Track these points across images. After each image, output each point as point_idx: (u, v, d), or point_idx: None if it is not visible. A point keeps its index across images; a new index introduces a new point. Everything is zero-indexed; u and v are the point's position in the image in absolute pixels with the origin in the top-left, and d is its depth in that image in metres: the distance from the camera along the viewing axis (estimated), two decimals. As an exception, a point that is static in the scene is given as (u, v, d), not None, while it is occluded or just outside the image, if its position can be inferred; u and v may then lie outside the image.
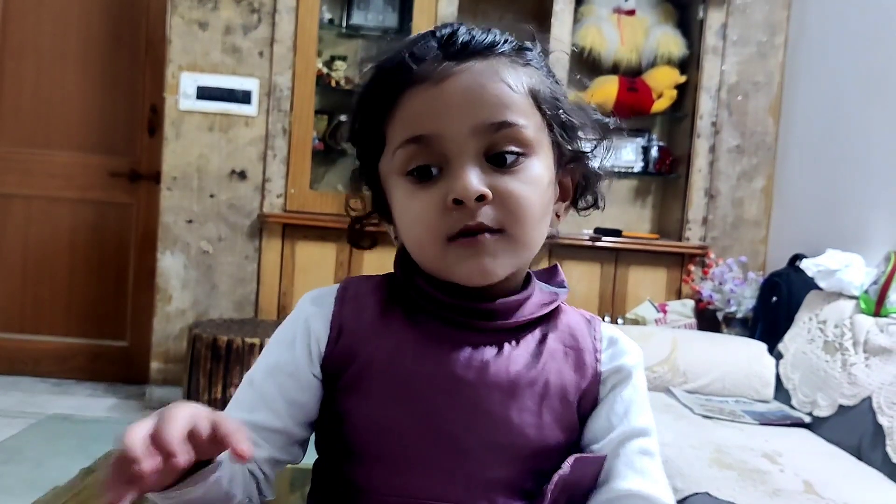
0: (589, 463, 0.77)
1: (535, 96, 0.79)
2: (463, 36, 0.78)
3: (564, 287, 0.87)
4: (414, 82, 0.77)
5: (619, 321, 3.40)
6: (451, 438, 0.76)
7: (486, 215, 0.75)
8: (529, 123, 0.78)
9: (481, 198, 0.74)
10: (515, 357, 0.80)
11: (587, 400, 0.82)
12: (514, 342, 0.81)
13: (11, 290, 3.87)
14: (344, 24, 3.69)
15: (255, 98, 3.50)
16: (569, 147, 0.83)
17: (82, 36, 3.80)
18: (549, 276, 0.88)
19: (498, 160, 0.76)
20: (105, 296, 3.90)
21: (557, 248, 3.54)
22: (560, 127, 0.82)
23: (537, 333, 0.82)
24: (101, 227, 3.89)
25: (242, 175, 3.53)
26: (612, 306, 3.59)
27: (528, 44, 0.82)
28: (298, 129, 3.52)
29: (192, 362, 3.17)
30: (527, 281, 0.85)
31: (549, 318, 0.84)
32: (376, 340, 0.79)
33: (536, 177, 0.78)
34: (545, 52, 0.85)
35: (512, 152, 0.77)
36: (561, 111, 0.82)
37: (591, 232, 3.61)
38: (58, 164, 3.84)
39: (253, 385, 0.82)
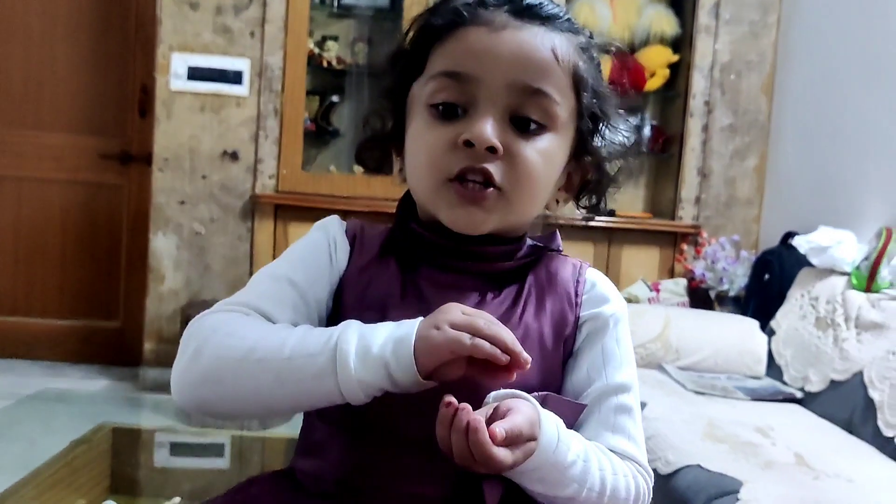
0: (565, 405, 0.78)
1: (577, 79, 0.81)
2: (538, 2, 0.81)
3: (559, 249, 0.88)
4: (474, 22, 0.79)
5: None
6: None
7: (493, 167, 0.77)
8: (563, 101, 0.80)
9: (492, 150, 0.76)
10: (497, 303, 0.81)
11: (567, 341, 0.83)
12: (497, 290, 0.82)
13: (3, 273, 3.86)
14: (335, 4, 3.68)
15: (246, 78, 3.49)
16: (591, 142, 0.85)
17: (72, 17, 3.78)
18: (548, 241, 0.89)
19: (521, 123, 0.78)
20: (97, 277, 3.89)
21: (549, 228, 3.53)
22: (590, 118, 0.84)
23: (520, 284, 0.84)
24: (93, 209, 3.87)
25: (234, 156, 3.52)
26: (605, 286, 3.59)
27: (587, 30, 0.85)
28: (290, 109, 3.50)
29: (185, 343, 3.17)
30: (521, 239, 0.86)
31: (534, 268, 0.85)
32: (372, 281, 0.82)
33: (549, 151, 0.80)
34: (600, 48, 0.86)
35: (535, 121, 0.79)
36: (596, 103, 0.83)
37: (584, 212, 3.60)
38: (48, 145, 3.82)
39: (278, 280, 0.82)
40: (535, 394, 0.75)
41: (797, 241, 2.82)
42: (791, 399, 2.53)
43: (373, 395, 0.72)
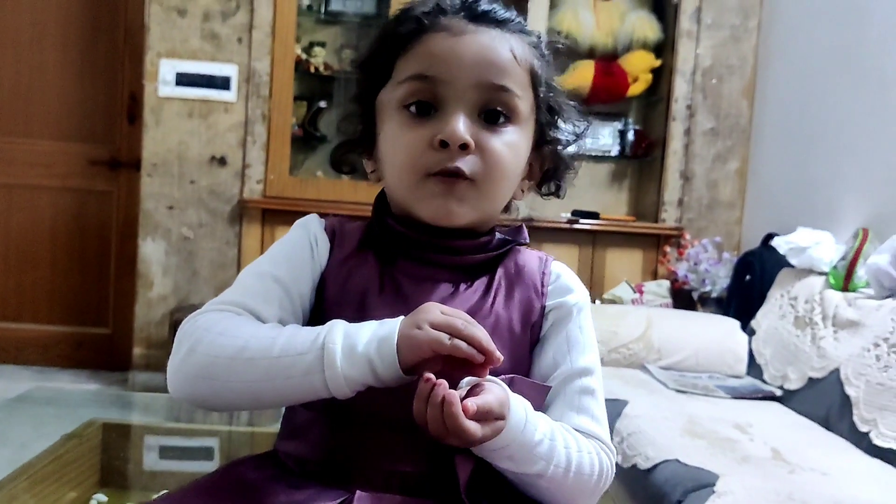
0: (529, 387, 0.83)
1: (533, 76, 0.88)
2: (485, 4, 0.87)
3: (526, 242, 0.94)
4: (436, 29, 0.85)
5: (597, 302, 3.45)
6: None
7: (465, 162, 0.83)
8: (523, 96, 0.87)
9: (465, 146, 0.82)
10: (469, 294, 0.87)
11: (533, 329, 0.89)
12: (469, 282, 0.88)
13: (-7, 279, 3.88)
14: (322, 10, 3.72)
15: (234, 84, 3.53)
16: (549, 132, 0.92)
17: (61, 24, 3.81)
18: (515, 234, 0.94)
19: (490, 116, 0.85)
20: (87, 283, 3.92)
21: (535, 231, 3.57)
22: (547, 111, 0.91)
23: (490, 276, 0.89)
24: (82, 215, 3.90)
25: (222, 161, 3.56)
26: (590, 287, 3.64)
27: (536, 31, 0.92)
28: (277, 115, 3.54)
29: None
30: (490, 233, 0.92)
31: (503, 261, 0.91)
32: (349, 273, 0.86)
33: (515, 143, 0.86)
34: (549, 46, 0.93)
35: (502, 113, 0.85)
36: (551, 96, 0.91)
37: (568, 215, 3.66)
38: (38, 152, 3.85)
39: (263, 277, 0.87)
40: (504, 376, 0.80)
41: (776, 242, 2.87)
42: (770, 397, 2.58)
43: (357, 389, 0.77)
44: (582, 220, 3.62)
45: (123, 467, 1.40)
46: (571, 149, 0.95)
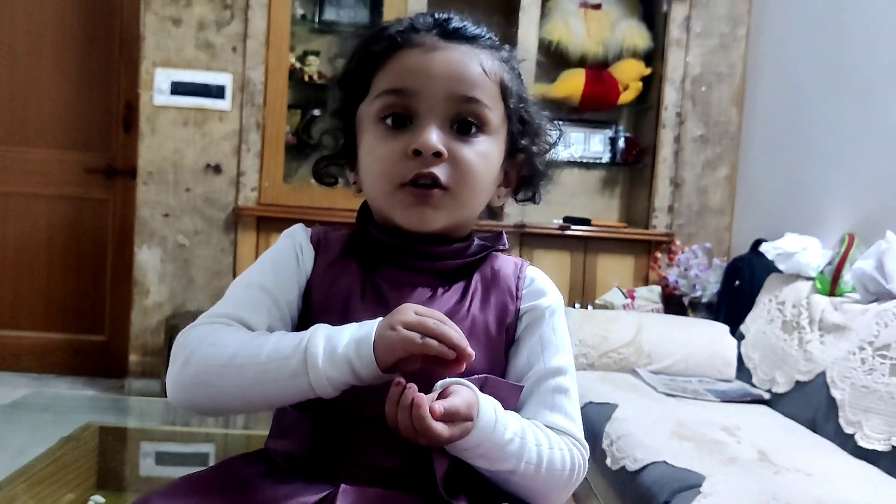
0: (503, 387, 0.87)
1: (504, 89, 0.93)
2: (456, 22, 0.92)
3: (504, 248, 0.98)
4: (409, 46, 0.90)
5: (589, 307, 3.48)
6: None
7: (439, 170, 0.87)
8: (494, 108, 0.91)
9: (437, 154, 0.86)
10: (447, 298, 0.91)
11: (509, 331, 0.93)
12: (447, 286, 0.92)
13: (-11, 287, 3.91)
14: (316, 19, 3.76)
15: (228, 93, 3.56)
16: (521, 141, 0.96)
17: (57, 34, 3.84)
18: (493, 240, 0.98)
19: (462, 127, 0.89)
20: (83, 291, 3.94)
21: (527, 237, 3.62)
22: (518, 122, 0.95)
23: (467, 280, 0.93)
24: (79, 223, 3.93)
25: (217, 169, 3.59)
26: (583, 293, 3.67)
27: (506, 45, 0.96)
28: (272, 123, 3.58)
29: (169, 354, 3.22)
30: (468, 239, 0.95)
31: (480, 266, 0.95)
32: (333, 280, 0.90)
33: (487, 152, 0.91)
34: (519, 60, 0.98)
35: (473, 123, 0.89)
36: (522, 107, 0.95)
37: (560, 221, 3.70)
38: (34, 161, 3.88)
39: (251, 287, 0.91)
40: (478, 377, 0.84)
41: (765, 248, 2.91)
42: (759, 400, 2.61)
43: (340, 389, 0.81)
44: (573, 227, 3.66)
45: (120, 470, 1.43)
46: (548, 157, 0.99)
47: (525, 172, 0.98)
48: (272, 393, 0.82)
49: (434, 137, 0.86)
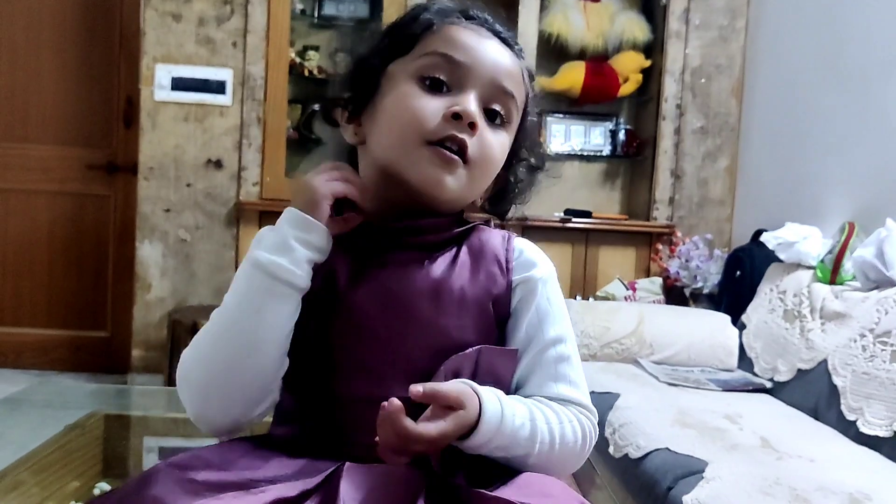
0: (498, 354, 0.87)
1: (526, 101, 0.97)
2: (501, 26, 0.96)
3: (490, 227, 0.99)
4: (463, 25, 0.93)
5: (591, 299, 3.49)
6: (385, 343, 0.87)
7: (469, 140, 0.88)
8: (518, 110, 0.95)
9: (472, 126, 0.88)
10: (434, 269, 0.91)
11: (501, 305, 0.92)
12: (434, 258, 0.92)
13: (-9, 283, 3.92)
14: (316, 14, 3.76)
15: (229, 88, 3.57)
16: (520, 152, 0.99)
17: (57, 30, 3.85)
18: (483, 220, 1.00)
19: (490, 114, 0.92)
20: (85, 287, 3.95)
21: (529, 230, 3.63)
22: (526, 135, 0.98)
23: (454, 250, 0.93)
24: (80, 219, 3.94)
25: (218, 164, 3.59)
26: (584, 285, 3.68)
27: (533, 72, 1.00)
28: (272, 118, 3.58)
29: (172, 348, 3.23)
30: (454, 216, 0.97)
31: (467, 238, 0.95)
32: (315, 267, 0.89)
33: (504, 145, 0.94)
34: (533, 82, 1.01)
35: (501, 114, 0.93)
36: (529, 126, 0.98)
37: (561, 214, 3.70)
38: (35, 157, 3.88)
39: None
40: (471, 349, 0.85)
41: (765, 238, 2.91)
42: (761, 389, 2.62)
43: (309, 269, 0.85)
44: (575, 219, 3.66)
45: (125, 457, 1.43)
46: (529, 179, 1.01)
47: (511, 182, 1.00)
48: (261, 329, 0.84)
49: (475, 107, 0.89)
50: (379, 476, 0.80)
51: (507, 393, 0.89)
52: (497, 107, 0.92)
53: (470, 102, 0.88)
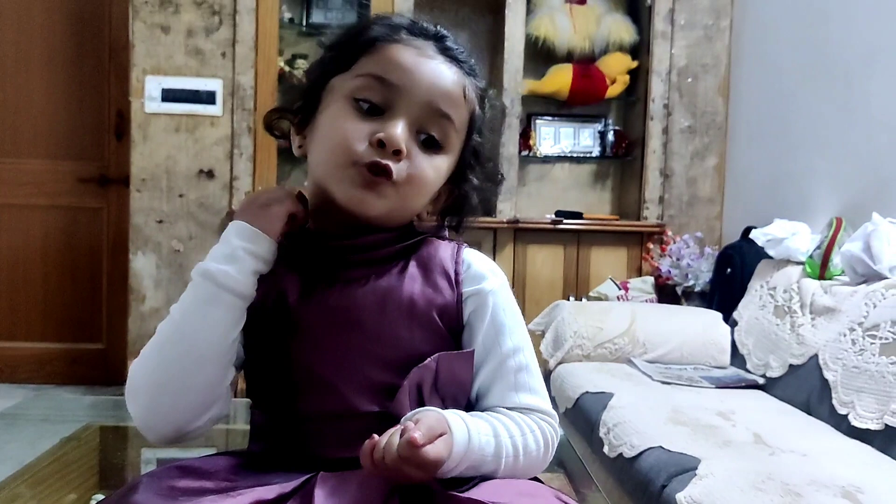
0: (454, 358, 0.89)
1: (472, 119, 0.96)
2: (451, 41, 0.95)
3: (444, 237, 1.00)
4: (405, 42, 0.92)
5: (583, 299, 3.51)
6: (338, 359, 0.89)
7: (395, 166, 0.88)
8: (460, 131, 0.94)
9: (398, 152, 0.88)
10: (381, 283, 0.92)
11: (449, 316, 0.93)
12: (381, 272, 0.92)
13: (-14, 298, 3.92)
14: (304, 22, 3.78)
15: (219, 98, 3.58)
16: (467, 173, 0.98)
17: (46, 44, 3.86)
18: (434, 231, 1.00)
19: (427, 138, 0.91)
20: (80, 300, 3.96)
21: (521, 232, 3.65)
22: (472, 155, 0.98)
23: (402, 263, 0.94)
24: (73, 233, 3.94)
25: (210, 174, 3.61)
26: (577, 286, 3.70)
27: (487, 83, 0.99)
28: (262, 127, 3.59)
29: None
30: (401, 228, 0.96)
31: (416, 251, 0.96)
32: (264, 288, 0.91)
33: (440, 168, 0.93)
34: (492, 101, 1.00)
35: (437, 140, 0.92)
36: (480, 143, 0.98)
37: (552, 216, 3.72)
38: (27, 171, 3.89)
39: None
40: (430, 359, 0.87)
41: (754, 235, 2.93)
42: (753, 385, 2.63)
43: (254, 279, 0.87)
44: (566, 221, 3.68)
45: (121, 469, 1.44)
46: (478, 199, 1.01)
47: (457, 201, 1.00)
48: (206, 337, 0.86)
49: (402, 135, 0.88)
50: (354, 481, 0.82)
51: (469, 394, 0.92)
52: (433, 132, 0.91)
53: (397, 129, 0.88)
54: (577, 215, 3.72)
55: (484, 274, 0.96)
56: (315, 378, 0.89)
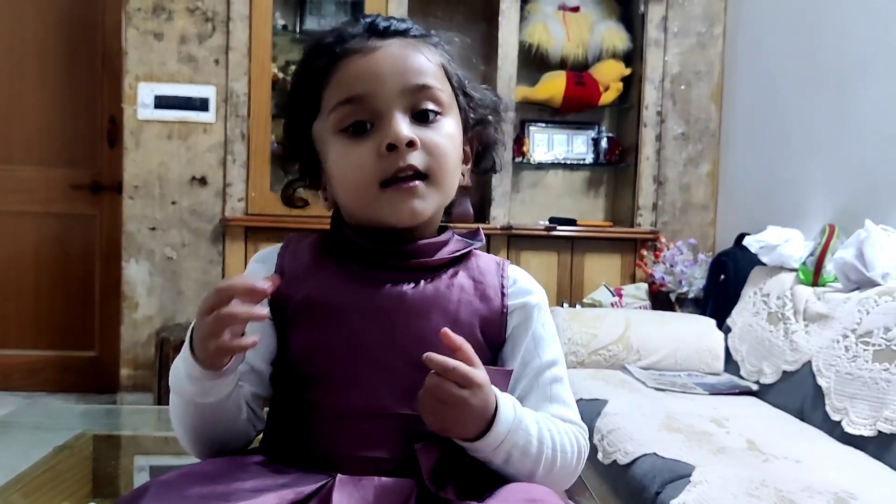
0: (493, 374, 0.88)
1: (445, 70, 0.95)
2: (382, 21, 0.94)
3: (481, 242, 1.00)
4: (347, 54, 0.91)
5: (577, 306, 3.51)
6: (377, 358, 0.89)
7: (415, 159, 0.89)
8: (444, 88, 0.93)
9: (411, 143, 0.88)
10: (429, 288, 0.92)
11: (493, 328, 0.95)
12: (429, 279, 0.93)
13: (-22, 306, 3.90)
14: (297, 29, 3.78)
15: (212, 105, 3.58)
16: (472, 115, 0.99)
17: (39, 51, 3.85)
18: (471, 237, 1.01)
19: (421, 116, 0.91)
20: (72, 307, 3.94)
21: (514, 239, 3.65)
22: (465, 96, 0.98)
23: (450, 272, 0.95)
24: (66, 240, 3.93)
25: (203, 181, 3.60)
26: (570, 293, 3.70)
27: (432, 31, 0.98)
28: (256, 133, 3.59)
29: (160, 366, 3.23)
30: (443, 231, 0.98)
31: (462, 261, 0.97)
32: (310, 282, 0.92)
33: (451, 132, 0.93)
34: (447, 40, 0.99)
35: (432, 110, 0.91)
36: (466, 83, 0.98)
37: (546, 222, 3.72)
38: (19, 178, 3.88)
39: None
40: None
41: (748, 241, 2.94)
42: (747, 392, 2.64)
43: (219, 379, 0.84)
44: (560, 227, 3.69)
45: (115, 477, 1.44)
46: (496, 122, 1.02)
47: (483, 142, 1.02)
48: (213, 412, 0.88)
49: (405, 129, 0.88)
50: (371, 488, 0.82)
51: None
52: (425, 105, 0.91)
53: (396, 126, 0.88)
54: (571, 222, 3.72)
55: (530, 289, 0.98)
56: (351, 374, 0.89)
